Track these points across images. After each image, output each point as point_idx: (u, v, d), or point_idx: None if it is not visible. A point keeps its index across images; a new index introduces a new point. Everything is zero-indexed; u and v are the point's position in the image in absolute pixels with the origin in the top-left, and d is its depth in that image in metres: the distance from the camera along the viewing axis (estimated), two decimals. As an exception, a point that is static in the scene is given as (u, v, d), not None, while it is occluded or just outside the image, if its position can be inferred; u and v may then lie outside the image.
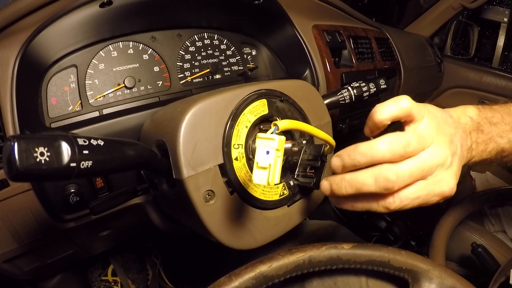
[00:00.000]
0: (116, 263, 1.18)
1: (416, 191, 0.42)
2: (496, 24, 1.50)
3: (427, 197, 0.43)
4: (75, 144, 0.33)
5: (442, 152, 0.42)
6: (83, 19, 0.65)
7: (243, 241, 0.51)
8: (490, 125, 0.49)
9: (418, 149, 0.41)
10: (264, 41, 0.95)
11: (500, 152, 0.51)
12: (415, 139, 0.41)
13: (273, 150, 0.37)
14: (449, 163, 0.43)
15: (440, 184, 0.43)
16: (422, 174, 0.42)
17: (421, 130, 0.42)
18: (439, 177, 0.43)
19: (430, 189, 0.43)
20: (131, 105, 0.75)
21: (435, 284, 0.48)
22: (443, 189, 0.43)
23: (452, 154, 0.43)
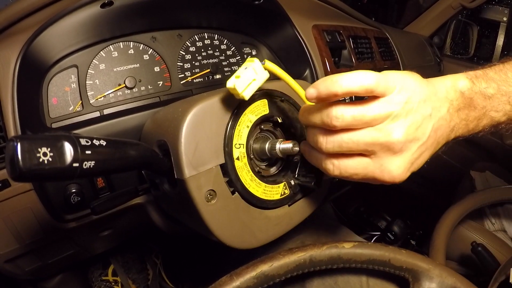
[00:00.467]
0: (116, 263, 1.18)
1: (355, 165, 0.42)
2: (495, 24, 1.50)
3: (367, 176, 0.42)
4: (77, 144, 0.33)
5: (391, 135, 0.39)
6: (84, 20, 0.65)
7: (244, 240, 0.51)
8: (484, 99, 0.44)
9: (367, 124, 0.39)
10: (264, 41, 0.95)
11: (496, 125, 0.46)
12: (370, 113, 0.39)
13: (251, 68, 0.44)
14: (398, 148, 0.40)
15: (382, 168, 0.41)
16: (357, 148, 0.40)
17: (380, 106, 0.39)
18: (384, 160, 0.40)
19: (370, 169, 0.41)
20: (131, 105, 0.75)
21: (435, 283, 0.48)
22: (383, 174, 0.41)
23: (410, 140, 0.40)
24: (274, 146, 0.50)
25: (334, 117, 0.40)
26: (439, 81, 0.44)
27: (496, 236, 0.95)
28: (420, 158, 0.42)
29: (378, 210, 1.45)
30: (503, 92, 0.44)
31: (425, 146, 0.41)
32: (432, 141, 0.42)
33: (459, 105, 0.43)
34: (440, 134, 0.42)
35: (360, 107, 0.40)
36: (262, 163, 0.55)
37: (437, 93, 0.42)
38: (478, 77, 0.45)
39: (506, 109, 0.45)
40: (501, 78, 0.45)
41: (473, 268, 0.89)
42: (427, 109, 0.41)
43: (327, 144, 0.41)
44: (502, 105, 0.44)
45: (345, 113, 0.39)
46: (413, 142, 0.40)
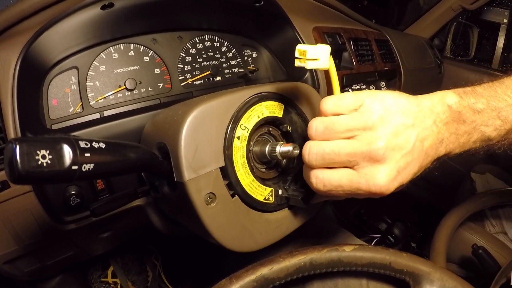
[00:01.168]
0: (116, 264, 1.18)
1: (339, 177, 0.42)
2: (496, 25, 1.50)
3: (351, 189, 0.42)
4: (76, 146, 0.33)
5: (371, 144, 0.40)
6: (85, 21, 0.65)
7: (244, 243, 0.51)
8: (473, 114, 0.44)
9: (341, 133, 0.41)
10: (264, 43, 0.95)
11: (486, 141, 0.46)
12: (341, 123, 0.41)
13: (323, 49, 0.45)
14: (380, 156, 0.39)
15: (367, 177, 0.40)
16: (339, 160, 0.41)
17: (353, 116, 0.41)
18: (367, 170, 0.40)
19: (355, 180, 0.41)
20: (132, 107, 0.75)
21: (436, 286, 0.48)
22: (369, 184, 0.40)
23: (391, 148, 0.40)
24: (274, 148, 0.50)
25: (310, 128, 0.44)
26: (425, 96, 0.44)
27: (497, 238, 0.95)
28: (407, 168, 0.41)
29: (378, 212, 1.45)
30: (493, 107, 0.44)
31: (411, 156, 0.41)
32: (419, 151, 0.41)
33: (447, 118, 0.43)
34: (428, 145, 0.42)
35: (330, 119, 0.43)
36: (262, 166, 0.55)
37: (419, 105, 0.42)
38: (466, 92, 0.45)
39: (496, 124, 0.45)
40: (490, 94, 0.45)
41: (474, 271, 0.89)
42: (407, 119, 0.41)
43: (309, 156, 0.43)
44: (492, 120, 0.44)
45: (318, 124, 0.43)
46: (396, 150, 0.40)
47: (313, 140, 0.43)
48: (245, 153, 0.50)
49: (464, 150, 0.46)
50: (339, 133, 0.42)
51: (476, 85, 0.47)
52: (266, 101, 0.53)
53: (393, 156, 0.40)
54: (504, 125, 0.45)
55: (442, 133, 0.43)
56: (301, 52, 0.45)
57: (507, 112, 0.44)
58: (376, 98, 0.42)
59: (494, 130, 0.45)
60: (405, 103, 0.42)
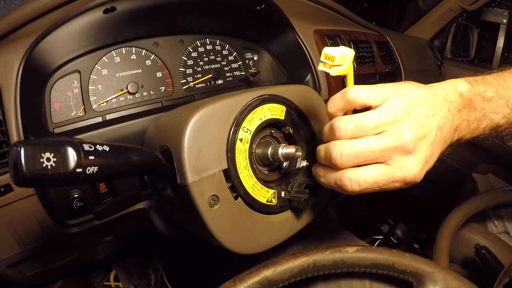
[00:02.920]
0: (118, 268, 1.18)
1: (375, 173, 0.42)
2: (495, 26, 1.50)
3: (387, 183, 0.42)
4: (81, 149, 0.33)
5: (402, 137, 0.41)
6: (87, 25, 0.66)
7: (248, 246, 0.51)
8: (483, 101, 0.46)
9: (372, 130, 0.42)
10: (265, 46, 0.95)
11: (495, 128, 0.48)
12: (371, 120, 0.42)
13: (348, 54, 0.43)
14: (412, 147, 0.41)
15: (402, 169, 0.42)
16: (373, 157, 0.41)
17: (380, 112, 0.42)
18: (401, 162, 0.42)
19: (390, 175, 0.42)
20: (134, 110, 0.75)
21: (439, 286, 0.48)
22: (404, 175, 0.42)
23: (419, 139, 0.42)
24: (277, 150, 0.50)
25: (337, 128, 0.43)
26: (438, 85, 0.46)
27: (499, 238, 0.94)
28: (432, 156, 0.43)
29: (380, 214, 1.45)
30: (502, 95, 0.46)
31: (434, 144, 0.43)
32: (439, 139, 0.43)
33: (459, 106, 0.45)
34: (445, 132, 0.44)
35: (359, 116, 0.43)
36: (264, 168, 0.55)
37: (435, 95, 0.44)
38: (477, 81, 0.47)
39: (504, 112, 0.47)
40: (499, 83, 0.47)
41: (476, 271, 0.88)
42: (428, 110, 0.43)
43: (342, 157, 0.42)
44: (500, 108, 0.46)
45: (346, 123, 0.42)
46: (423, 140, 0.42)
47: (341, 139, 0.43)
48: (248, 155, 0.50)
49: (474, 136, 0.48)
50: (370, 130, 0.42)
51: (486, 74, 0.49)
52: (268, 104, 0.53)
53: (421, 146, 0.42)
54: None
55: (456, 119, 0.45)
56: (327, 57, 0.43)
57: None
58: (398, 92, 0.43)
59: (503, 117, 0.47)
60: (423, 94, 0.43)
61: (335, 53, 0.42)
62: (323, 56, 0.44)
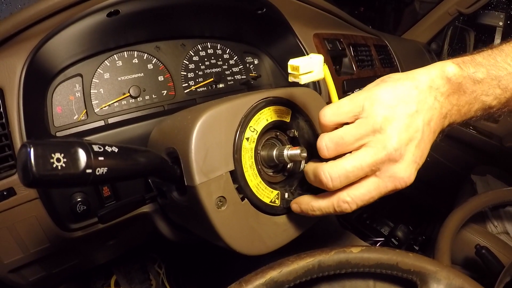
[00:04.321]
0: (119, 273, 1.17)
1: (367, 190, 0.41)
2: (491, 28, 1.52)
3: (380, 194, 0.42)
4: (90, 150, 0.33)
5: (386, 147, 0.39)
6: (90, 28, 0.66)
7: (254, 247, 0.50)
8: (473, 84, 0.43)
9: (353, 144, 0.41)
10: (266, 50, 0.96)
11: (487, 109, 0.46)
12: (350, 135, 0.41)
13: (315, 60, 0.44)
14: (398, 156, 0.40)
15: (392, 179, 0.41)
16: (363, 172, 0.40)
17: (358, 124, 0.41)
18: (389, 172, 0.40)
19: (383, 186, 0.41)
20: (136, 114, 0.76)
21: (443, 285, 0.48)
22: (395, 184, 0.41)
23: (405, 143, 0.40)
24: (282, 152, 0.50)
25: (320, 148, 0.43)
26: (423, 71, 0.43)
27: (499, 238, 0.95)
28: (423, 154, 0.42)
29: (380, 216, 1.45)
30: (493, 76, 0.44)
31: (422, 142, 0.41)
32: (428, 134, 0.42)
33: (448, 91, 0.42)
34: (434, 124, 0.42)
35: (338, 133, 0.42)
36: (269, 169, 0.55)
37: (418, 86, 0.41)
38: (465, 62, 0.44)
39: (496, 93, 0.44)
40: (490, 62, 0.44)
41: (477, 271, 0.89)
42: (410, 107, 0.40)
43: (333, 181, 0.41)
44: (492, 89, 0.44)
45: (327, 142, 0.42)
46: (409, 144, 0.40)
47: (326, 157, 0.43)
48: (254, 155, 0.51)
49: (466, 119, 0.46)
50: (351, 145, 0.41)
51: (475, 53, 0.46)
52: (273, 106, 0.53)
53: (408, 151, 0.40)
54: (504, 94, 0.44)
55: (445, 106, 0.42)
56: (293, 68, 0.44)
57: (507, 80, 0.44)
58: (374, 98, 0.41)
59: (494, 99, 0.45)
60: (403, 90, 0.41)
61: (298, 62, 0.43)
62: (290, 68, 0.44)
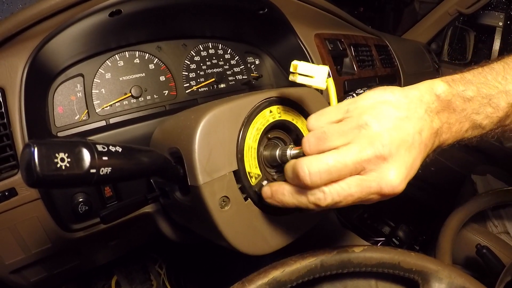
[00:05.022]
0: (119, 274, 1.17)
1: (347, 187, 0.38)
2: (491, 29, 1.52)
3: (363, 195, 0.38)
4: (94, 150, 0.33)
5: (373, 142, 0.37)
6: (91, 28, 0.66)
7: (258, 246, 0.50)
8: (463, 102, 0.42)
9: (336, 139, 0.38)
10: (267, 50, 0.96)
11: (479, 129, 0.44)
12: (332, 129, 0.39)
13: (320, 69, 0.46)
14: (387, 153, 0.37)
15: (378, 179, 0.37)
16: (347, 170, 0.37)
17: (342, 121, 0.39)
18: (378, 172, 0.37)
19: (366, 185, 0.37)
20: (137, 114, 0.76)
21: (445, 284, 0.48)
22: (380, 185, 0.37)
23: (395, 142, 0.37)
24: (285, 152, 0.50)
25: (303, 144, 0.41)
26: (412, 86, 0.42)
27: (499, 238, 0.95)
28: (414, 163, 0.39)
29: (381, 216, 1.45)
30: (483, 94, 0.43)
31: (414, 149, 0.38)
32: (419, 143, 0.39)
33: (437, 108, 0.41)
34: (425, 136, 0.39)
35: (322, 128, 0.40)
36: (272, 169, 0.55)
37: (408, 96, 0.40)
38: (455, 80, 0.43)
39: (487, 112, 0.43)
40: (480, 81, 0.43)
41: (478, 271, 0.89)
42: (400, 111, 0.39)
43: (311, 176, 0.37)
44: (483, 108, 0.43)
45: (310, 137, 0.40)
46: (400, 146, 0.37)
47: (308, 153, 0.40)
48: (257, 155, 0.51)
49: (457, 140, 0.44)
50: (334, 141, 0.39)
51: (465, 71, 0.45)
52: (276, 106, 0.53)
53: (398, 152, 0.37)
54: (496, 113, 0.43)
55: (436, 122, 0.41)
56: (294, 67, 0.45)
57: (498, 99, 0.43)
58: (360, 102, 0.40)
59: (485, 117, 0.43)
60: (392, 97, 0.40)
61: (299, 63, 0.45)
62: (292, 67, 0.46)
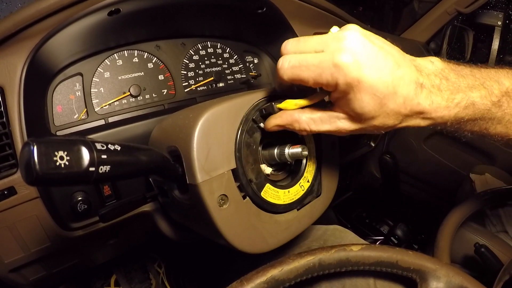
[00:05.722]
0: (119, 273, 1.17)
1: (305, 57, 0.41)
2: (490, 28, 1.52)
3: (314, 63, 0.40)
4: (93, 148, 0.33)
5: (340, 48, 0.38)
6: (90, 27, 0.66)
7: (256, 245, 0.51)
8: (457, 76, 0.42)
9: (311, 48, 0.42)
10: (266, 49, 0.96)
11: (470, 108, 0.42)
12: (308, 40, 0.43)
13: None
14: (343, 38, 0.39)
15: (331, 55, 0.39)
16: (313, 46, 0.41)
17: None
18: (334, 46, 0.39)
19: (319, 56, 0.40)
20: (136, 113, 0.76)
21: (443, 282, 0.48)
22: (334, 60, 0.38)
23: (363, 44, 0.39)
24: (283, 151, 0.50)
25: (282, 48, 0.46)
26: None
27: (498, 237, 0.95)
28: (376, 59, 0.40)
29: (380, 215, 1.46)
30: (477, 76, 0.42)
31: (386, 63, 0.39)
32: (395, 70, 0.39)
33: (429, 71, 0.41)
34: (404, 74, 0.39)
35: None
36: (271, 168, 0.55)
37: (400, 51, 0.42)
38: (450, 61, 0.44)
39: (482, 93, 0.42)
40: (474, 68, 0.44)
41: (477, 270, 0.89)
42: (383, 45, 0.41)
43: (283, 65, 0.43)
44: (477, 87, 0.42)
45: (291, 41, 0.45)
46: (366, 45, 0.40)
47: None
48: (255, 153, 0.51)
49: (450, 117, 0.42)
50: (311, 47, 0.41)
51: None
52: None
53: (367, 55, 0.39)
54: (489, 96, 0.42)
55: (422, 78, 0.40)
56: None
57: (491, 85, 0.42)
58: (345, 40, 0.40)
59: (479, 96, 0.42)
60: (385, 45, 0.42)
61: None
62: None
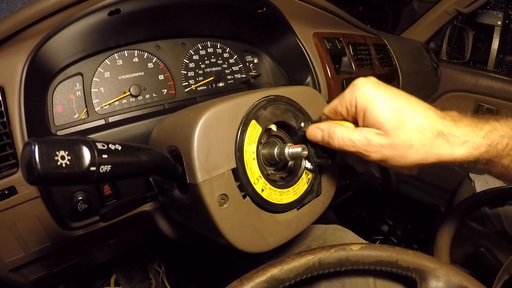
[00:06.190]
0: (119, 272, 1.17)
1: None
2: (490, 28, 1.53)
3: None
4: (94, 148, 0.33)
5: None
6: (91, 27, 0.66)
7: (256, 244, 0.51)
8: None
9: None
10: (265, 49, 0.96)
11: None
12: None
13: None
14: None
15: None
16: None
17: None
18: None
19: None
20: (136, 113, 0.76)
21: (442, 282, 0.48)
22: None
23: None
24: (283, 150, 0.50)
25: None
26: None
27: (497, 237, 0.96)
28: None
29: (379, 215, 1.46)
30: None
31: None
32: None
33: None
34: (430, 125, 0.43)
35: None
36: (271, 167, 0.55)
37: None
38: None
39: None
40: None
41: (476, 269, 0.89)
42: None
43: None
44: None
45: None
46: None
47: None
48: (255, 153, 0.51)
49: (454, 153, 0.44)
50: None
51: None
52: (275, 104, 0.54)
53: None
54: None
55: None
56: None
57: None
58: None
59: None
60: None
61: None
62: None
